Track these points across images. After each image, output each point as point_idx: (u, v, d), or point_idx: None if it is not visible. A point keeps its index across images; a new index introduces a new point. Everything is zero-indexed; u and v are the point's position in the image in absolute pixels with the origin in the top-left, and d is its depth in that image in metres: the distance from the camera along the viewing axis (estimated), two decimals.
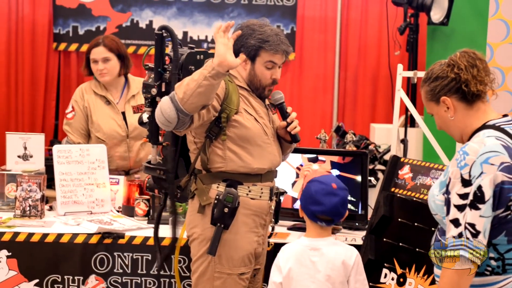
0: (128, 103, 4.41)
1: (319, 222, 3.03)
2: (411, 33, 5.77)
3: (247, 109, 3.13)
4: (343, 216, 3.06)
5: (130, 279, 3.70)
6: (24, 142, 4.20)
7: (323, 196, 3.01)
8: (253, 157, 3.11)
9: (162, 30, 3.07)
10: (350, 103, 6.38)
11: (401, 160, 3.64)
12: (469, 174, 2.42)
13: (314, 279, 2.98)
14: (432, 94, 2.61)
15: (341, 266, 2.98)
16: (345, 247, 3.07)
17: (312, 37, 6.30)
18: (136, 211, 3.99)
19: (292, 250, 3.06)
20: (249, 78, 3.17)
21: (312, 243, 3.03)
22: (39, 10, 6.21)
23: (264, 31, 3.13)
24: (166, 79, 3.04)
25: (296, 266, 3.01)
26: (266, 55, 3.13)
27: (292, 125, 3.22)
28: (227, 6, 6.20)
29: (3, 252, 3.67)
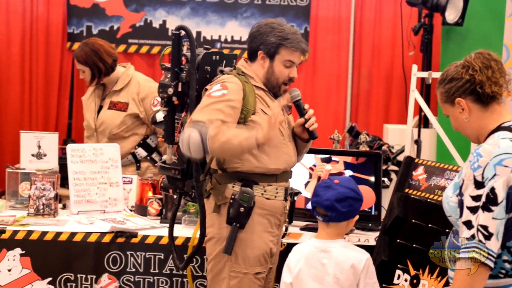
0: (110, 98, 4.50)
1: (317, 216, 3.00)
2: (425, 33, 5.75)
3: (263, 109, 3.12)
4: (341, 214, 2.95)
5: (143, 278, 3.70)
6: (38, 141, 4.22)
7: (322, 188, 3.01)
8: (270, 157, 3.11)
9: (180, 30, 3.08)
10: (364, 103, 6.36)
11: (415, 161, 3.62)
12: (482, 176, 2.41)
13: (323, 281, 2.97)
14: (447, 95, 2.59)
15: (350, 269, 2.96)
16: (355, 250, 3.04)
17: (325, 37, 6.29)
18: (149, 210, 3.99)
19: (302, 251, 3.05)
20: (267, 76, 3.17)
21: (322, 244, 3.01)
22: (53, 10, 6.23)
23: (284, 29, 3.14)
24: (183, 79, 3.06)
25: (306, 267, 3.00)
26: (285, 52, 3.13)
27: (310, 121, 3.21)
28: (241, 6, 6.20)
29: (17, 250, 3.68)
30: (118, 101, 4.44)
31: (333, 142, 4.66)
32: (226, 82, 3.06)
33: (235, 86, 3.06)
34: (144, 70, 6.27)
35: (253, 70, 3.17)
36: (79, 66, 4.46)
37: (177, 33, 3.07)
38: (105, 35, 6.17)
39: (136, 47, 6.22)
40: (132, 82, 4.47)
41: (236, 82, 3.08)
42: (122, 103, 4.44)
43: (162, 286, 3.68)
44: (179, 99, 3.05)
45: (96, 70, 4.43)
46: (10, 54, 6.24)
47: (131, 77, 4.49)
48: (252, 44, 3.11)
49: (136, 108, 4.42)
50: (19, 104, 6.30)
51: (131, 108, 4.43)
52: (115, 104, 4.45)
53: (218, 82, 3.09)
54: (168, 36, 6.17)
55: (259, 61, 3.14)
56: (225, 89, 3.02)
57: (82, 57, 4.44)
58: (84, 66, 4.43)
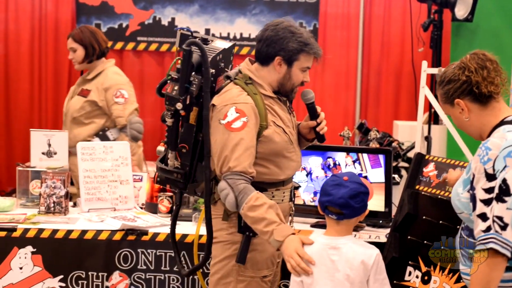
0: (82, 86, 4.72)
1: (330, 215, 2.97)
2: (435, 29, 5.73)
3: (275, 120, 3.06)
4: (355, 210, 2.93)
5: (154, 275, 3.71)
6: (48, 139, 4.23)
7: (332, 187, 2.96)
8: (280, 168, 3.09)
9: (191, 46, 2.94)
10: (373, 100, 6.36)
11: (426, 158, 3.61)
12: (492, 168, 2.45)
13: (333, 278, 2.96)
14: (446, 97, 2.66)
15: (360, 265, 2.93)
16: (365, 246, 3.02)
17: (334, 34, 6.29)
18: (159, 208, 4.00)
19: (312, 249, 3.02)
20: (282, 81, 3.09)
21: (331, 241, 2.98)
22: (62, 8, 6.25)
23: (302, 33, 3.05)
24: (192, 93, 2.96)
25: (316, 265, 2.97)
26: (304, 59, 3.06)
27: (321, 125, 3.20)
28: (249, 3, 6.20)
29: (28, 248, 3.69)
30: (84, 89, 4.69)
31: (343, 139, 4.64)
32: (239, 105, 2.97)
33: (250, 107, 2.98)
34: (153, 68, 6.31)
35: (263, 76, 3.09)
36: (73, 44, 4.65)
37: (188, 49, 2.93)
38: (114, 32, 6.18)
39: (145, 45, 6.23)
40: (102, 74, 4.71)
41: (249, 102, 2.99)
42: (86, 90, 4.68)
43: (173, 283, 3.68)
44: (185, 110, 2.98)
45: (91, 49, 4.65)
46: (19, 52, 6.26)
47: (104, 69, 4.72)
48: (269, 49, 3.02)
49: (96, 97, 4.64)
50: (29, 102, 6.32)
51: (92, 95, 4.66)
52: (80, 91, 4.70)
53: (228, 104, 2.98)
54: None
55: (275, 66, 3.05)
56: (243, 116, 2.95)
57: (79, 35, 4.66)
58: (78, 45, 4.64)
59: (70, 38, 4.70)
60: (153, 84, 6.21)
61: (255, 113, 2.98)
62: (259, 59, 3.10)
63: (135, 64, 6.33)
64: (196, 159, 3.07)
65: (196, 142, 3.06)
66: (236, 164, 2.92)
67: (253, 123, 2.97)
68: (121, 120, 4.73)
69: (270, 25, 3.09)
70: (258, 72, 3.09)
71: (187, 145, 3.05)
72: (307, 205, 3.93)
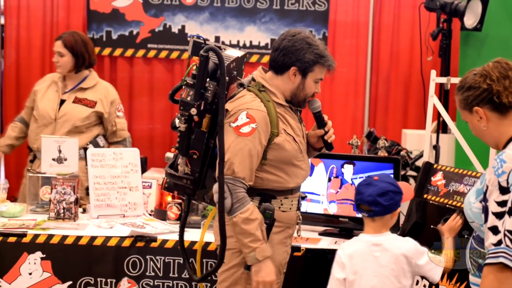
0: (74, 93, 4.68)
1: (362, 213, 3.11)
2: (443, 38, 5.73)
3: (286, 128, 3.10)
4: (384, 208, 3.06)
5: (162, 282, 3.73)
6: (58, 145, 4.26)
7: (363, 186, 3.12)
8: (289, 176, 3.12)
9: (209, 51, 2.95)
10: (382, 108, 6.35)
11: (434, 167, 3.62)
12: (507, 181, 2.41)
13: (378, 274, 3.04)
14: (465, 103, 2.61)
15: (402, 258, 3.05)
16: (402, 240, 3.14)
17: (344, 42, 6.29)
18: (168, 214, 4.02)
19: (354, 247, 3.13)
20: (296, 91, 3.12)
21: (372, 239, 3.10)
22: (73, 15, 6.28)
23: (318, 45, 3.10)
24: (207, 99, 2.96)
25: (360, 262, 3.07)
26: (319, 70, 3.11)
27: (329, 133, 3.22)
28: (259, 11, 6.22)
29: (38, 254, 3.72)
30: (84, 98, 4.66)
31: (352, 147, 4.66)
32: (251, 111, 3.01)
33: (262, 115, 3.02)
34: (163, 75, 6.33)
35: (276, 84, 3.12)
36: (62, 49, 4.62)
37: (206, 55, 2.94)
38: (125, 40, 6.21)
39: (155, 52, 6.25)
40: (99, 86, 4.74)
41: (261, 109, 3.03)
42: (89, 101, 4.67)
43: None
44: (199, 115, 2.99)
45: (81, 59, 4.65)
46: (30, 58, 6.29)
47: (97, 81, 4.76)
48: (285, 59, 3.05)
49: (103, 108, 4.68)
50: None
51: (99, 107, 4.67)
52: (80, 99, 4.66)
53: (242, 108, 3.02)
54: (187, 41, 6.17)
55: (290, 76, 3.09)
56: (253, 122, 2.99)
57: (71, 42, 4.64)
58: (67, 52, 4.62)
59: (60, 42, 4.65)
60: (163, 91, 6.28)
61: (266, 121, 3.01)
62: (274, 67, 3.14)
63: (145, 71, 6.35)
64: (206, 165, 3.09)
65: (207, 149, 3.07)
66: (239, 170, 2.96)
67: (262, 130, 3.00)
68: (124, 133, 4.80)
69: (287, 35, 3.12)
70: (272, 81, 3.12)
71: (198, 151, 3.06)
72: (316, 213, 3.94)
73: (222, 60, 2.92)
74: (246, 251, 2.97)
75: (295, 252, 3.53)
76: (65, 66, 4.62)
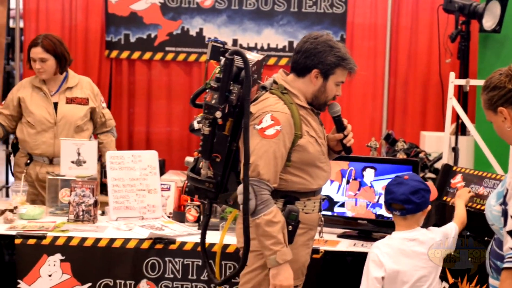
0: (63, 94, 4.66)
1: (394, 212, 3.19)
2: (462, 40, 5.71)
3: (308, 131, 3.10)
4: (417, 205, 3.14)
5: (181, 284, 3.73)
6: (77, 148, 4.28)
7: (394, 186, 3.19)
8: (312, 178, 3.13)
9: (234, 55, 2.95)
10: (400, 110, 6.33)
11: (453, 169, 3.61)
12: None
13: (420, 267, 3.14)
14: (489, 103, 2.58)
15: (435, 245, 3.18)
16: (434, 230, 3.24)
17: (361, 44, 6.28)
18: (186, 217, 4.03)
19: (391, 245, 3.19)
20: (317, 94, 3.13)
21: (407, 235, 3.18)
22: (92, 18, 6.32)
23: (340, 48, 3.10)
24: (232, 102, 2.96)
25: (401, 259, 3.15)
26: (340, 73, 3.11)
27: (348, 137, 3.23)
28: (277, 14, 6.22)
29: (57, 256, 3.74)
30: (74, 97, 4.67)
31: (370, 149, 4.65)
32: (275, 113, 3.01)
33: (286, 118, 3.02)
34: (181, 78, 6.35)
35: (298, 87, 3.12)
36: (44, 55, 4.56)
37: (231, 58, 2.95)
38: (143, 43, 6.24)
39: (173, 55, 6.27)
40: (82, 82, 4.74)
41: (285, 111, 3.03)
42: (81, 98, 4.69)
43: None
44: (223, 118, 2.97)
45: (63, 60, 4.63)
46: None
47: (79, 77, 4.76)
48: (307, 61, 3.05)
49: (94, 103, 4.71)
50: None
51: (91, 102, 4.70)
52: (72, 99, 4.66)
53: (266, 111, 3.03)
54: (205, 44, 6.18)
55: (311, 79, 3.09)
56: (278, 124, 2.99)
57: (51, 46, 4.60)
58: (50, 55, 4.57)
59: (39, 48, 4.56)
60: (180, 94, 6.31)
61: (289, 124, 3.02)
62: (295, 70, 3.14)
63: (163, 74, 6.37)
64: (228, 169, 3.09)
65: (229, 152, 3.07)
66: (264, 172, 2.96)
67: (286, 133, 3.01)
68: (112, 122, 4.87)
69: (309, 37, 3.13)
70: (294, 83, 3.13)
71: (220, 154, 3.06)
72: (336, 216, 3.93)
73: (247, 64, 2.92)
74: (267, 253, 2.97)
75: (314, 254, 3.52)
76: (50, 70, 4.58)
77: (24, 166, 4.61)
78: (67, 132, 4.56)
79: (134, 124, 6.44)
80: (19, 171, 4.65)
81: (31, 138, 4.58)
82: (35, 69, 4.60)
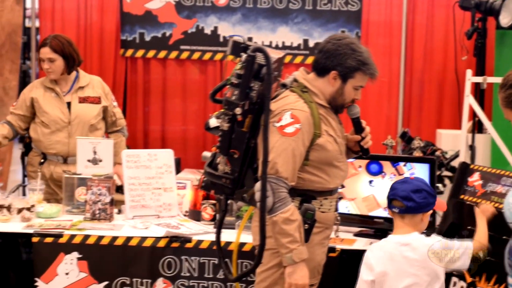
0: (76, 94, 4.68)
1: (393, 209, 3.10)
2: (478, 37, 5.67)
3: (327, 130, 3.09)
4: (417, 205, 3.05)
5: (197, 282, 3.74)
6: (94, 146, 4.30)
7: (398, 183, 3.14)
8: (330, 177, 3.12)
9: (256, 52, 2.94)
10: (416, 108, 6.30)
11: (471, 167, 3.58)
12: None
13: (409, 274, 3.04)
14: (507, 101, 2.58)
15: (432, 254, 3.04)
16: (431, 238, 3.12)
17: (377, 42, 6.25)
18: (202, 215, 4.03)
19: (383, 248, 3.12)
20: (335, 95, 3.12)
21: (401, 239, 3.09)
22: (107, 17, 6.33)
23: (362, 52, 3.07)
24: (252, 99, 2.95)
25: (389, 263, 3.07)
26: (360, 77, 3.09)
27: (366, 139, 3.22)
28: (292, 11, 6.21)
29: (74, 254, 3.75)
30: (87, 96, 4.69)
31: (386, 147, 4.63)
32: (295, 111, 3.01)
33: (305, 116, 3.02)
34: (196, 76, 6.35)
35: (318, 86, 3.11)
36: (52, 55, 4.58)
37: (253, 55, 2.93)
38: (158, 42, 6.25)
39: (188, 54, 6.28)
40: (93, 81, 4.77)
41: (305, 110, 3.03)
42: (93, 97, 4.71)
43: None
44: (242, 115, 2.97)
45: (71, 60, 4.64)
46: None
47: (90, 77, 4.79)
48: (327, 62, 3.05)
49: (106, 102, 4.73)
50: None
51: (103, 101, 4.72)
52: (84, 98, 4.69)
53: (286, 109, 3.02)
54: (219, 42, 6.22)
55: (330, 80, 3.08)
56: (297, 122, 2.99)
57: (59, 46, 4.62)
58: (58, 56, 4.59)
59: (48, 48, 4.58)
60: (195, 93, 6.31)
61: (309, 122, 3.01)
62: (316, 69, 3.14)
63: (178, 72, 6.38)
64: (246, 165, 3.09)
65: (247, 149, 3.07)
66: (282, 170, 2.95)
67: (305, 131, 3.00)
68: (122, 122, 4.87)
69: (333, 38, 3.13)
70: (314, 82, 3.12)
71: (238, 151, 3.05)
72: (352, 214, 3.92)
73: (269, 61, 2.91)
74: (283, 251, 2.96)
75: (330, 253, 3.51)
76: (58, 70, 4.60)
77: (38, 165, 4.63)
78: (81, 131, 4.58)
79: (150, 123, 6.45)
80: (32, 170, 4.68)
81: (46, 137, 4.60)
82: (44, 69, 4.65)
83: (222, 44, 6.19)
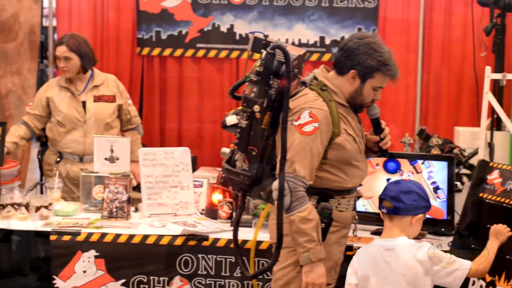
0: (90, 93, 4.71)
1: (382, 209, 3.07)
2: (497, 34, 5.61)
3: (347, 129, 3.09)
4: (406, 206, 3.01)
5: (214, 281, 3.73)
6: (111, 145, 4.31)
7: (391, 184, 3.12)
8: (348, 176, 3.11)
9: (275, 49, 2.93)
10: (433, 106, 6.26)
11: (490, 165, 3.55)
12: None
13: (390, 280, 3.00)
14: None
15: (416, 264, 2.98)
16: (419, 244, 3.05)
17: (394, 39, 6.21)
18: (219, 213, 4.02)
19: (367, 252, 3.09)
20: (354, 95, 3.11)
21: (385, 243, 3.05)
22: (123, 16, 6.34)
23: (383, 52, 3.05)
24: (271, 96, 2.95)
25: (371, 268, 3.03)
26: (379, 78, 3.07)
27: (385, 140, 3.20)
28: (308, 9, 6.18)
29: (91, 252, 3.76)
30: (101, 95, 4.72)
31: (404, 145, 4.60)
32: (314, 110, 3.00)
33: (324, 115, 3.01)
34: (213, 75, 6.34)
35: (337, 85, 3.11)
36: (68, 53, 4.62)
37: (273, 52, 2.93)
38: (174, 40, 6.25)
39: (204, 52, 6.27)
40: (108, 80, 4.80)
41: (324, 109, 3.02)
42: (108, 96, 4.74)
43: None
44: (261, 112, 2.96)
45: (87, 59, 4.68)
46: None
47: (105, 75, 4.83)
48: (347, 60, 3.05)
49: (121, 100, 4.76)
50: None
51: (118, 100, 4.75)
52: (99, 97, 4.72)
53: (304, 107, 3.02)
54: (235, 40, 6.20)
55: (349, 79, 3.07)
56: (316, 121, 2.98)
57: (75, 45, 4.65)
58: (74, 54, 4.63)
59: (64, 46, 4.63)
60: (211, 91, 6.30)
61: (328, 121, 3.00)
62: (336, 67, 3.13)
63: (194, 70, 6.37)
64: (264, 162, 3.08)
65: (265, 146, 3.06)
66: (300, 169, 2.94)
67: (324, 130, 2.99)
68: (137, 120, 4.91)
69: (355, 36, 3.11)
70: (334, 80, 3.11)
71: (256, 148, 3.05)
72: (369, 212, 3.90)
73: (288, 58, 2.90)
74: (301, 250, 2.95)
75: (348, 251, 3.49)
76: (74, 69, 4.64)
77: (54, 164, 4.65)
78: (96, 130, 4.60)
79: (166, 121, 6.45)
80: (48, 169, 4.70)
81: (61, 136, 4.62)
82: (60, 68, 4.67)
83: (238, 42, 6.18)
